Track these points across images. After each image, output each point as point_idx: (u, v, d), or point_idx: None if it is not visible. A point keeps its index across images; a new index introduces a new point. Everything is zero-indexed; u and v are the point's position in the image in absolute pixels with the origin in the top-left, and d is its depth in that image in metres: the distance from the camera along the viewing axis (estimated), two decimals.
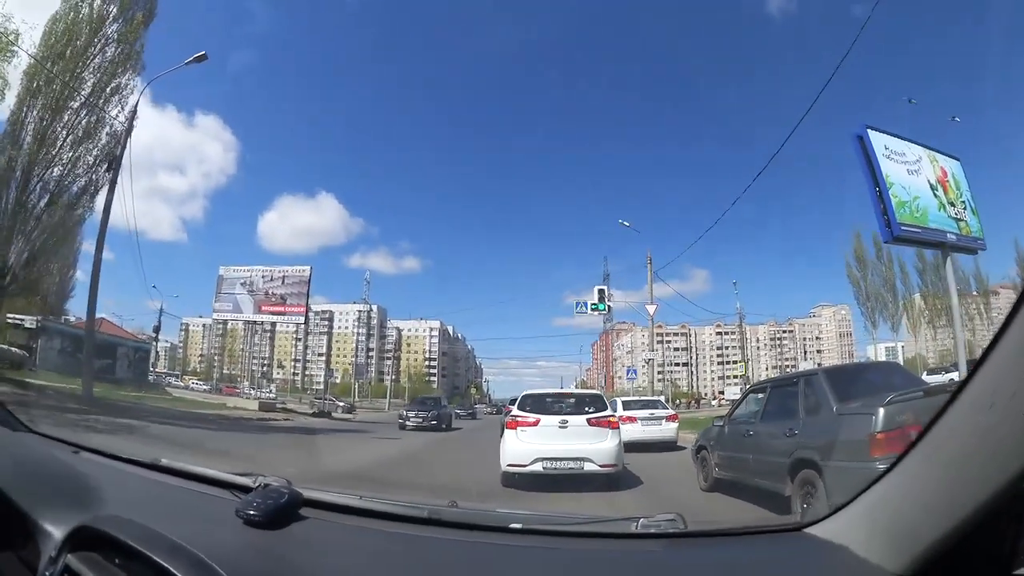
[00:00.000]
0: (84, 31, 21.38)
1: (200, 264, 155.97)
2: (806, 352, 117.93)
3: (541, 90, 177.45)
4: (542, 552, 1.45)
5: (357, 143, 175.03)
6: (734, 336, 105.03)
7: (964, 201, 15.34)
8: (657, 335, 33.00)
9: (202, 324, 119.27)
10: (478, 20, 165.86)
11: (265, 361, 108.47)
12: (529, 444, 8.44)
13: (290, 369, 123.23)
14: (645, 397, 21.93)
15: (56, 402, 15.37)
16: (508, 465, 8.47)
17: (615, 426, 8.76)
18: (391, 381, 68.74)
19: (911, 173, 14.07)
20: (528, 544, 1.50)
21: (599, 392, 12.36)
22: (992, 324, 51.31)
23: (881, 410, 4.81)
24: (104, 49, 21.84)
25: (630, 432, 12.23)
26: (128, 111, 22.02)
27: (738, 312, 48.30)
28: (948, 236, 14.41)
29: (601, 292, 30.21)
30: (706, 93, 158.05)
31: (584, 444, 8.34)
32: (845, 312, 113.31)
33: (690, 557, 1.45)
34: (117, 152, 21.34)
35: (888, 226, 13.25)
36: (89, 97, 21.42)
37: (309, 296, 46.01)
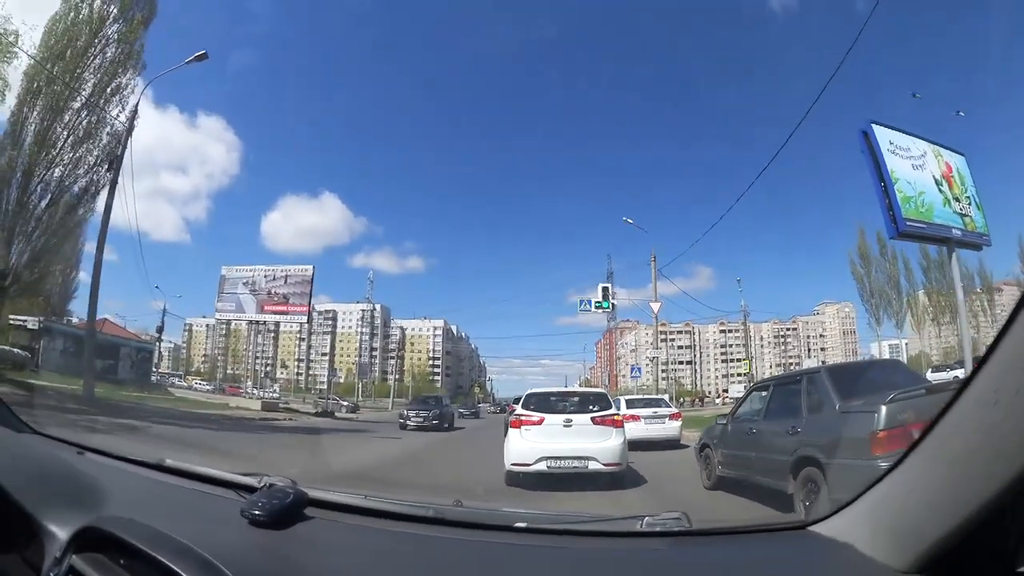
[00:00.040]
0: (84, 32, 21.44)
1: (203, 265, 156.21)
2: (810, 350, 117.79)
3: (543, 90, 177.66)
4: (547, 551, 1.46)
5: (360, 143, 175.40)
6: (738, 334, 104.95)
7: (969, 197, 15.24)
8: (661, 333, 32.86)
9: (205, 324, 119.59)
10: (479, 20, 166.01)
11: (269, 361, 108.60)
12: (533, 443, 8.40)
13: (294, 369, 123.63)
14: (648, 396, 21.92)
15: (56, 402, 15.34)
16: (512, 464, 8.43)
17: (619, 425, 8.72)
18: (395, 380, 68.82)
19: (916, 168, 13.98)
20: (533, 543, 1.51)
21: (603, 391, 12.30)
22: (996, 321, 51.23)
23: (883, 408, 4.83)
24: (104, 49, 21.88)
25: (633, 430, 12.22)
26: (129, 111, 22.09)
27: (742, 309, 48.39)
28: (953, 232, 14.31)
29: (605, 290, 30.16)
30: (707, 91, 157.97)
31: (588, 443, 8.30)
32: (849, 309, 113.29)
33: (695, 555, 1.45)
34: (118, 152, 21.33)
35: (893, 222, 13.17)
36: (90, 97, 21.45)
37: (312, 295, 46.04)
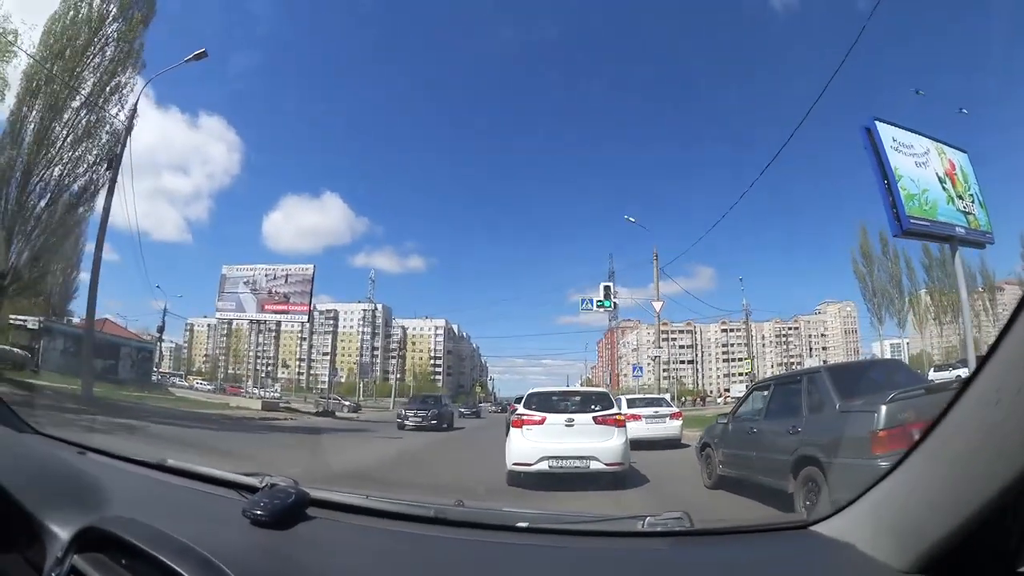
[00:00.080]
0: (83, 31, 21.38)
1: (205, 265, 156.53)
2: (811, 349, 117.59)
3: (543, 90, 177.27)
4: (549, 551, 1.46)
5: (361, 143, 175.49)
6: (739, 333, 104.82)
7: (972, 194, 15.14)
8: (662, 332, 32.84)
9: (207, 324, 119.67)
10: (479, 21, 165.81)
11: (270, 361, 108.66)
12: (535, 443, 8.39)
13: (295, 368, 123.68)
14: (649, 395, 22.04)
15: (55, 402, 15.26)
16: (514, 464, 8.41)
17: (621, 424, 8.69)
18: (396, 380, 68.72)
19: (919, 166, 13.89)
20: (535, 543, 1.51)
21: (605, 390, 12.28)
22: (997, 320, 51.13)
23: (883, 408, 4.87)
24: (104, 48, 21.82)
25: (634, 430, 12.20)
26: (128, 109, 22.02)
27: (744, 308, 48.22)
28: (957, 230, 14.21)
29: (607, 289, 30.17)
30: (708, 91, 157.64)
31: (590, 442, 8.28)
32: (850, 309, 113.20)
33: (696, 555, 1.45)
34: (117, 151, 21.27)
35: (897, 219, 13.08)
36: (89, 96, 21.39)
37: (313, 295, 45.98)
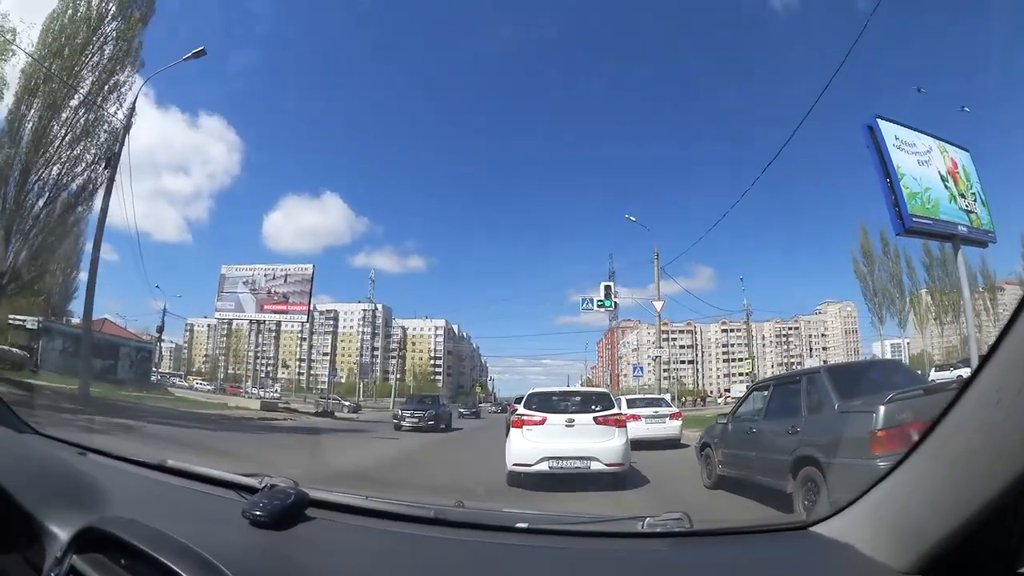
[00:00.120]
0: (82, 29, 21.31)
1: (205, 265, 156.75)
2: (812, 349, 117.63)
3: (543, 89, 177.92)
4: (548, 552, 1.46)
5: (361, 143, 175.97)
6: (740, 333, 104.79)
7: (975, 193, 15.03)
8: (662, 332, 32.79)
9: (207, 324, 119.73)
10: (479, 20, 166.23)
11: (270, 361, 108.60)
12: (535, 443, 8.36)
13: (295, 369, 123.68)
14: (649, 395, 22.04)
15: (52, 402, 15.21)
16: (514, 464, 8.38)
17: (622, 424, 8.67)
18: (396, 380, 68.63)
19: (922, 164, 13.78)
20: (534, 544, 1.51)
21: (606, 390, 12.24)
22: (998, 320, 51.08)
23: (882, 408, 4.89)
24: (103, 47, 21.75)
25: (634, 430, 12.19)
26: (127, 108, 21.91)
27: (745, 308, 48.10)
28: (959, 228, 14.08)
29: (607, 288, 30.01)
30: (707, 91, 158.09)
31: (591, 443, 8.25)
32: (851, 309, 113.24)
33: (696, 556, 1.45)
34: (116, 150, 21.18)
35: (900, 218, 12.96)
36: (88, 95, 21.31)
37: (312, 295, 45.83)
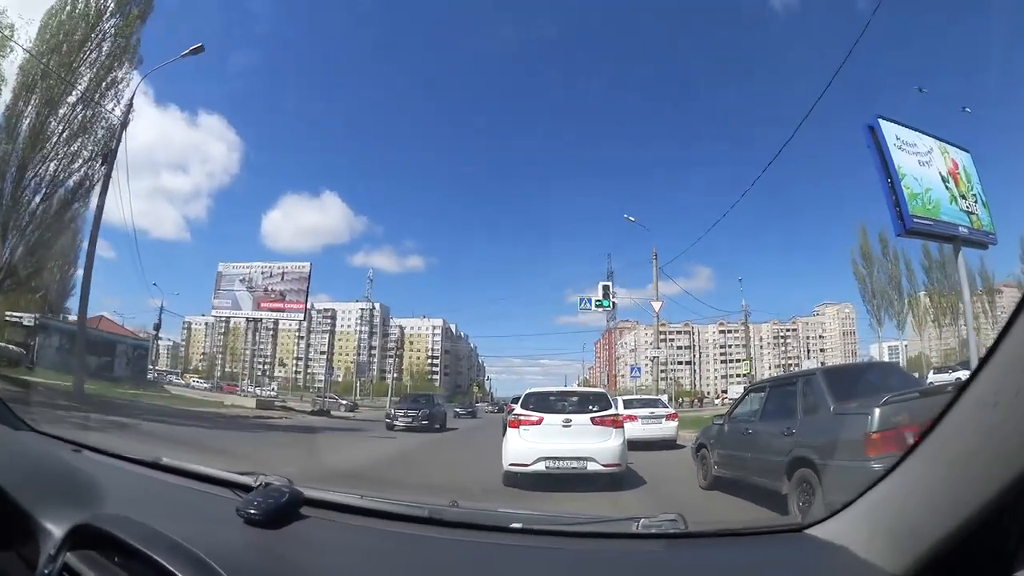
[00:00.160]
0: (80, 26, 21.26)
1: (203, 263, 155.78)
2: (809, 351, 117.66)
3: (543, 89, 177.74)
4: (543, 552, 1.45)
5: (360, 142, 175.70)
6: (737, 335, 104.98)
7: (975, 194, 15.03)
8: (660, 333, 32.75)
9: (204, 322, 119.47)
10: (479, 20, 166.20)
11: (267, 359, 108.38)
12: (532, 443, 8.32)
13: (292, 367, 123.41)
14: (645, 396, 21.94)
15: (47, 399, 15.12)
16: (510, 464, 8.35)
17: (619, 425, 8.64)
18: (393, 379, 68.39)
19: (923, 164, 13.77)
20: (529, 544, 1.50)
21: (603, 390, 12.19)
22: (996, 323, 51.15)
23: (876, 410, 4.92)
24: (101, 44, 21.68)
25: (630, 430, 12.18)
26: (124, 104, 21.81)
27: (743, 309, 48.06)
28: (960, 230, 14.08)
29: (606, 288, 30.03)
30: (707, 91, 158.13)
31: (588, 443, 8.22)
32: (849, 310, 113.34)
33: (691, 557, 1.45)
34: (113, 146, 21.07)
35: (900, 218, 12.95)
36: (85, 91, 21.22)
37: (309, 293, 45.69)
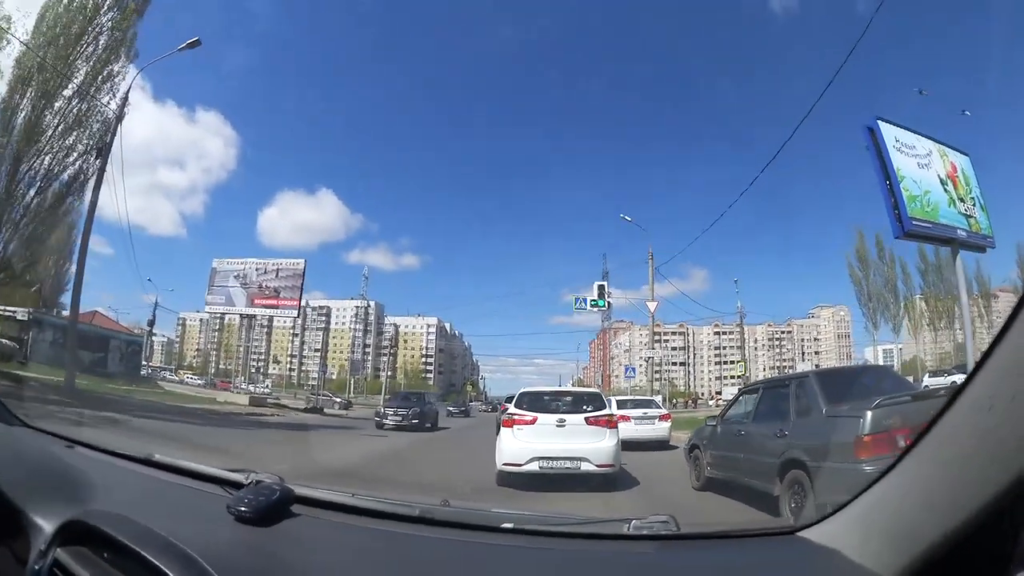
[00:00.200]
0: (78, 19, 21.12)
1: (199, 259, 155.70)
2: (804, 353, 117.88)
3: (540, 89, 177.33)
4: (533, 552, 1.45)
5: (357, 140, 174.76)
6: (732, 336, 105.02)
7: (974, 197, 15.05)
8: (655, 334, 32.75)
9: (199, 319, 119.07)
10: (478, 19, 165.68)
11: (262, 356, 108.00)
12: (525, 443, 8.28)
13: (287, 364, 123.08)
14: (639, 396, 22.01)
15: (39, 394, 15.04)
16: (504, 464, 8.29)
17: (613, 426, 8.61)
18: (387, 377, 68.37)
19: (921, 167, 13.77)
20: (519, 544, 1.50)
21: (597, 390, 12.15)
22: (992, 327, 51.33)
23: (868, 413, 4.95)
24: (97, 37, 21.54)
25: (624, 431, 12.14)
26: (119, 98, 21.65)
27: (739, 311, 47.95)
28: (958, 232, 14.10)
29: (601, 288, 29.89)
30: (705, 91, 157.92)
31: (581, 443, 8.18)
32: (844, 313, 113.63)
33: (682, 559, 1.45)
34: (108, 140, 20.90)
35: (899, 220, 12.95)
36: (81, 85, 21.07)
37: (303, 290, 45.56)
